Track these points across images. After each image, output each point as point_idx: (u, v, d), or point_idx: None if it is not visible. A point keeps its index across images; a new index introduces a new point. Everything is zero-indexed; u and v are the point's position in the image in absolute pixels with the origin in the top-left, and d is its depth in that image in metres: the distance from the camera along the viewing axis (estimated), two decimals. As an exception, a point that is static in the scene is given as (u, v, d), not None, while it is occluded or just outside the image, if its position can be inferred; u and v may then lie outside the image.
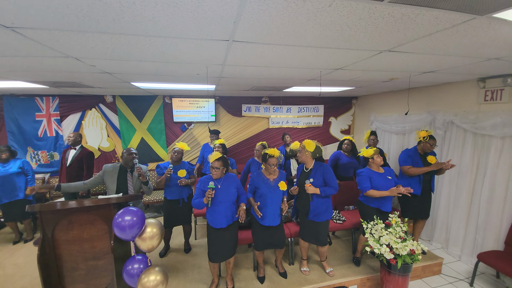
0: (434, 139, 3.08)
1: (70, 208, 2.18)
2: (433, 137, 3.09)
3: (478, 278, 2.99)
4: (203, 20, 1.26)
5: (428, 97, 3.92)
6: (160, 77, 2.89)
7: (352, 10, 1.15)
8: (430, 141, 3.07)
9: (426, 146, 3.09)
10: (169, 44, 1.65)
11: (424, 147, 3.11)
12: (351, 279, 2.84)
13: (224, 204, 2.41)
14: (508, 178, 2.88)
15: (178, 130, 5.18)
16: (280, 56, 1.99)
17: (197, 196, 2.44)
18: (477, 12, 1.21)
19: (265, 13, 1.18)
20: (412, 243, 2.51)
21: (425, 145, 3.10)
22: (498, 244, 2.97)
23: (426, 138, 3.07)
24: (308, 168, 2.73)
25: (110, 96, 4.70)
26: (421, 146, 3.14)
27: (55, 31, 1.41)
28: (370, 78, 3.17)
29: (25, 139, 4.53)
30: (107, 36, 1.48)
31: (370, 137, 3.93)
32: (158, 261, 3.22)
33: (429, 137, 3.08)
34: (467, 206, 3.35)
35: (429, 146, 3.07)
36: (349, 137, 3.94)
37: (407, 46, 1.74)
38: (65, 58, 1.98)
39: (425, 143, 3.08)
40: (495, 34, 1.51)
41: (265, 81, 3.34)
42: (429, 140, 3.07)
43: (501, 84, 2.91)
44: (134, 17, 1.19)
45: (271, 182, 2.58)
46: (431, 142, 3.06)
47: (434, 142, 3.07)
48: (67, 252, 2.27)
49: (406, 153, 3.21)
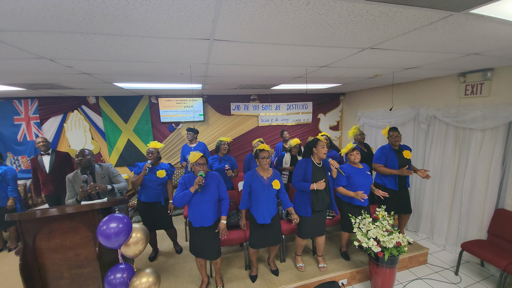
0: (395, 130, 3.20)
1: (50, 216, 2.09)
2: (393, 129, 3.22)
3: (463, 267, 3.10)
4: (179, 19, 1.22)
5: (411, 92, 4.00)
6: (143, 77, 2.81)
7: (331, 8, 1.14)
8: (391, 133, 3.20)
9: (391, 140, 3.22)
10: (148, 43, 1.59)
11: (390, 141, 3.23)
12: (341, 273, 2.88)
13: (205, 204, 2.40)
14: (489, 170, 2.98)
15: (166, 131, 5.08)
16: (264, 55, 1.96)
17: (179, 191, 2.41)
18: (454, 9, 1.23)
19: (244, 11, 1.15)
20: (398, 235, 2.57)
21: (390, 139, 3.24)
22: (481, 234, 3.09)
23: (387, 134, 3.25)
24: (319, 163, 2.76)
25: (93, 97, 4.54)
26: (390, 141, 3.25)
27: (25, 32, 1.33)
28: (355, 75, 3.20)
29: (4, 144, 4.33)
30: (80, 36, 1.41)
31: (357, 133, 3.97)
32: (148, 265, 3.16)
33: (389, 130, 3.23)
34: (450, 197, 3.46)
35: (393, 138, 3.18)
36: (324, 133, 3.97)
37: (388, 44, 1.76)
38: (38, 60, 1.89)
39: (389, 138, 3.23)
40: (473, 30, 1.54)
41: (252, 79, 3.31)
42: (390, 133, 3.21)
43: (481, 78, 3.00)
44: (105, 16, 1.14)
45: (265, 180, 2.58)
46: (392, 134, 3.19)
47: (395, 133, 3.18)
48: (50, 261, 2.20)
49: (380, 151, 3.29)
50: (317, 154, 2.70)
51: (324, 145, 2.67)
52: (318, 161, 2.75)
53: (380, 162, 3.24)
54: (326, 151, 2.68)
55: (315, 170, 2.71)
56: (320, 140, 2.70)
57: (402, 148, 3.25)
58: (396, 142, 3.18)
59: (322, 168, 2.76)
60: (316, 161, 2.74)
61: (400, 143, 3.28)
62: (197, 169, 2.40)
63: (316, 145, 2.69)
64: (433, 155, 3.62)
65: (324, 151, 2.66)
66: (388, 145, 3.29)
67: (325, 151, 2.67)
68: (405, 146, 3.29)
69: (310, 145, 2.75)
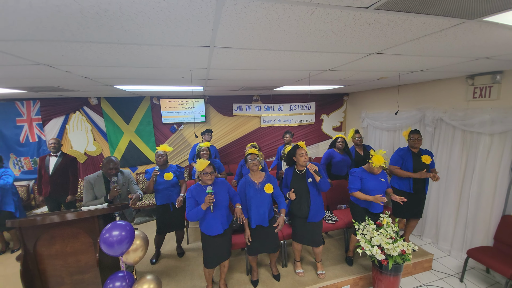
0: (416, 133, 3.11)
1: (51, 223, 2.08)
2: (414, 131, 3.13)
3: (468, 273, 3.04)
4: (177, 29, 1.17)
5: (417, 94, 3.91)
6: (143, 80, 2.77)
7: (336, 17, 1.08)
8: (412, 135, 3.11)
9: (410, 142, 3.13)
10: (146, 50, 1.55)
11: (410, 143, 3.15)
12: (344, 279, 2.84)
13: (219, 212, 2.38)
14: (497, 175, 2.90)
15: (168, 132, 5.05)
16: (266, 60, 1.91)
17: (190, 207, 2.34)
18: (467, 17, 1.16)
19: (244, 20, 1.10)
20: (402, 243, 2.51)
21: (409, 142, 3.15)
22: (487, 240, 3.02)
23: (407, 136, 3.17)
24: (301, 170, 2.69)
25: (95, 99, 4.52)
26: (409, 143, 3.16)
27: (19, 42, 1.29)
28: (360, 77, 3.12)
29: (6, 145, 4.33)
30: (76, 45, 1.37)
31: (355, 135, 3.91)
32: (149, 269, 3.16)
33: (410, 132, 3.14)
34: (457, 202, 3.39)
35: (413, 141, 3.09)
36: (341, 135, 3.91)
37: (395, 49, 1.69)
38: (36, 66, 1.86)
39: (409, 140, 3.15)
40: (485, 36, 1.47)
41: (253, 82, 3.25)
42: (411, 135, 3.12)
43: (490, 81, 2.90)
44: (100, 27, 1.09)
45: (257, 185, 2.56)
46: (413, 136, 3.10)
47: (416, 136, 3.09)
48: (51, 267, 2.19)
49: (397, 153, 3.21)
50: (297, 162, 2.66)
51: (303, 153, 2.59)
52: (301, 169, 2.69)
53: (396, 164, 3.17)
54: (306, 159, 2.58)
55: (294, 177, 2.72)
56: (300, 147, 2.64)
57: (421, 152, 3.15)
58: (416, 144, 3.09)
59: (303, 175, 2.69)
60: (299, 168, 2.70)
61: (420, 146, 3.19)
62: (205, 178, 2.32)
63: (295, 154, 2.65)
64: (439, 158, 3.54)
65: (303, 159, 2.57)
66: (406, 147, 3.21)
67: (305, 159, 2.58)
68: (426, 151, 3.18)
69: (289, 154, 2.73)
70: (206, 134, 4.23)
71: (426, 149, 3.24)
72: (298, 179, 2.69)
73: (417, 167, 3.07)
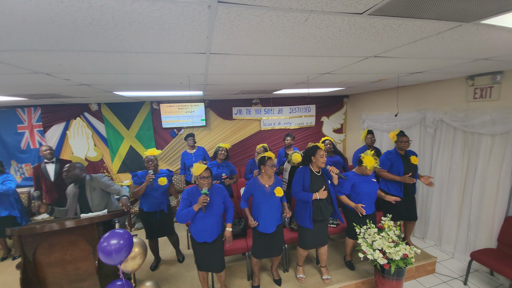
0: (403, 135, 3.09)
1: (50, 230, 2.07)
2: (401, 134, 3.11)
3: (472, 276, 2.99)
4: (172, 37, 1.17)
5: (417, 95, 3.89)
6: (142, 86, 2.78)
7: (331, 23, 1.07)
8: (401, 138, 3.09)
9: (399, 144, 3.11)
10: (142, 58, 1.55)
11: (399, 146, 3.12)
12: (346, 284, 2.81)
13: (210, 218, 2.31)
14: (499, 176, 2.87)
15: (168, 136, 5.06)
16: (263, 65, 1.91)
17: (182, 207, 2.28)
18: (463, 20, 1.15)
19: (238, 28, 1.10)
20: (405, 247, 2.48)
21: (398, 144, 3.12)
22: (491, 242, 2.98)
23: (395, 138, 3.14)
24: (318, 171, 2.64)
25: (95, 104, 4.54)
26: (398, 146, 3.14)
27: (15, 52, 1.30)
28: (359, 80, 3.12)
29: (7, 152, 4.35)
30: (72, 54, 1.37)
31: (367, 136, 3.89)
32: (149, 275, 3.14)
33: (398, 135, 3.12)
34: (459, 204, 3.35)
35: (403, 143, 3.07)
36: (328, 137, 3.89)
37: (392, 52, 1.68)
38: (35, 74, 1.87)
39: (398, 142, 3.12)
40: (484, 39, 1.46)
41: (252, 86, 3.25)
42: (399, 138, 3.10)
43: (490, 81, 2.88)
44: (94, 37, 1.10)
45: (266, 188, 2.51)
46: (402, 139, 3.08)
47: (405, 139, 3.07)
48: (51, 275, 2.19)
49: (386, 155, 3.19)
50: (315, 163, 2.58)
51: (324, 154, 2.54)
52: (317, 170, 2.62)
53: (384, 167, 3.15)
54: (325, 161, 2.54)
55: (314, 179, 2.59)
56: (320, 148, 2.57)
57: (408, 154, 3.15)
58: (405, 147, 3.08)
59: (321, 176, 2.63)
60: (315, 169, 2.62)
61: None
62: (201, 182, 2.27)
63: (315, 154, 2.56)
64: (440, 160, 3.51)
65: (323, 160, 2.52)
66: (394, 150, 3.19)
67: (324, 160, 2.53)
68: (411, 152, 3.19)
69: (308, 153, 2.63)
70: (189, 138, 4.19)
71: (410, 150, 3.23)
72: (318, 181, 2.60)
73: (407, 169, 3.05)
